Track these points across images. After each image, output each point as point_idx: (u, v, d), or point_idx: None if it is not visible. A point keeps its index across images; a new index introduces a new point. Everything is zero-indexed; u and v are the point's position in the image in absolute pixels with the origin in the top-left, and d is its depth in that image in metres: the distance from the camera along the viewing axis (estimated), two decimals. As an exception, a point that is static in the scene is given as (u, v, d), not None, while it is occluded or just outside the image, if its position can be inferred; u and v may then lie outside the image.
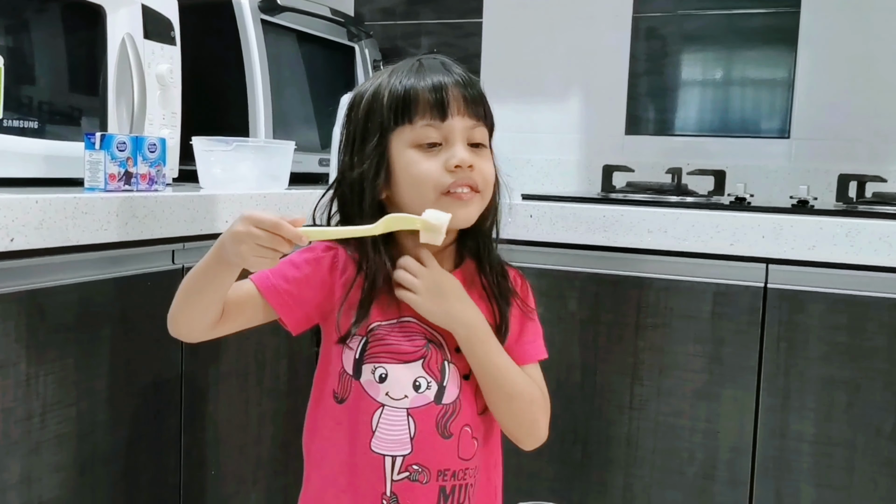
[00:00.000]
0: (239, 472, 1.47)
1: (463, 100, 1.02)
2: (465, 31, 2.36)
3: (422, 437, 1.04)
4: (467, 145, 1.03)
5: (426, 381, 1.04)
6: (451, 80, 1.03)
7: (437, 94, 1.02)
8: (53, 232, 1.05)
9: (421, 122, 1.02)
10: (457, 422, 1.06)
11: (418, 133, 1.02)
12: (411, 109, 1.02)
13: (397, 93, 1.03)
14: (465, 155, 1.01)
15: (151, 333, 1.24)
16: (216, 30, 1.79)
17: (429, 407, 1.04)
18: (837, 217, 1.36)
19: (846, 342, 1.35)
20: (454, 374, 1.06)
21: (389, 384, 1.04)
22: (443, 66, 1.04)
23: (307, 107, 2.04)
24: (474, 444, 1.08)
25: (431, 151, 1.02)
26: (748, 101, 2.10)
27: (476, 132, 1.04)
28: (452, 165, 1.01)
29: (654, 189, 1.75)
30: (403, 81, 1.03)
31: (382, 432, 1.04)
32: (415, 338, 1.05)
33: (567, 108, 2.25)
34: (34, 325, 1.06)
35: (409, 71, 1.04)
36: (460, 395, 1.06)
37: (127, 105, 1.42)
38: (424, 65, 1.04)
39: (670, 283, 1.44)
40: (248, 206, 1.40)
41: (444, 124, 1.01)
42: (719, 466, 1.43)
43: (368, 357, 1.04)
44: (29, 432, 1.06)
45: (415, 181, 1.02)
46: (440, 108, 1.01)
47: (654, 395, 1.46)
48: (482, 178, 1.03)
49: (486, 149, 1.06)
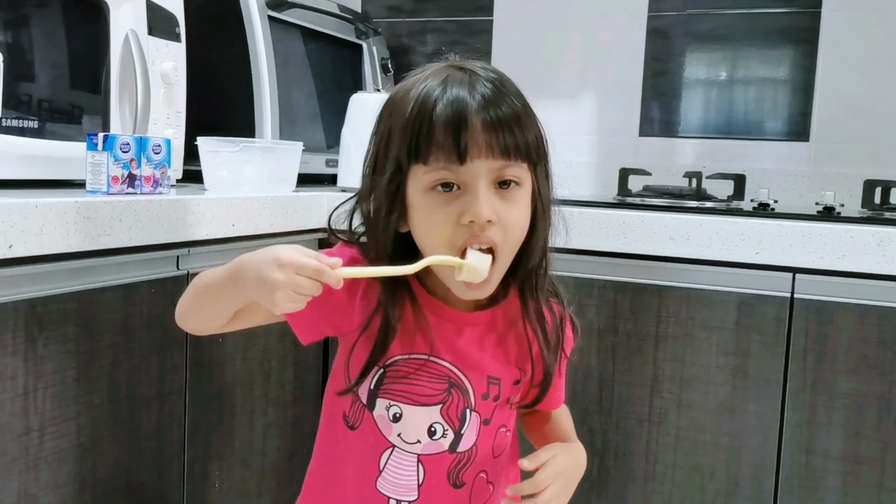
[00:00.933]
0: (243, 486, 1.42)
1: (488, 135, 0.86)
2: (474, 28, 2.31)
3: (431, 485, 0.96)
4: (495, 186, 0.88)
5: (442, 427, 0.95)
6: (475, 109, 0.86)
7: (455, 130, 0.85)
8: (54, 238, 1.00)
9: (435, 164, 0.87)
10: (471, 470, 0.97)
11: (433, 176, 0.88)
12: (425, 147, 0.87)
13: (414, 123, 0.88)
14: (483, 210, 0.85)
15: (154, 343, 1.20)
16: (222, 26, 1.74)
17: (441, 456, 0.96)
18: (868, 225, 1.31)
19: (876, 355, 1.30)
20: (475, 421, 0.97)
21: (403, 425, 0.95)
22: (471, 85, 0.88)
23: (314, 106, 1.99)
24: (489, 490, 1.00)
25: (447, 197, 0.88)
26: (766, 102, 2.05)
27: (508, 171, 0.88)
28: (467, 220, 0.86)
29: (673, 193, 1.70)
30: (422, 105, 0.87)
31: (390, 474, 0.96)
32: (437, 380, 0.95)
33: (580, 109, 2.20)
34: (32, 336, 1.01)
35: (433, 88, 0.88)
36: (478, 441, 0.97)
37: (130, 104, 1.36)
38: (450, 82, 0.88)
39: (692, 292, 1.39)
40: (255, 212, 1.35)
41: (462, 168, 0.86)
42: (742, 483, 1.38)
43: (384, 392, 0.95)
44: (27, 448, 1.01)
45: (426, 233, 0.90)
46: (457, 149, 0.85)
47: (675, 408, 1.41)
48: (503, 234, 0.88)
49: (520, 188, 0.89)
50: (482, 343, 0.97)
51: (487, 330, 0.97)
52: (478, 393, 0.96)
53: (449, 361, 0.95)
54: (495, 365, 0.97)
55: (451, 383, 0.95)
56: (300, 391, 1.54)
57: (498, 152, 0.87)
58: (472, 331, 0.97)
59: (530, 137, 0.89)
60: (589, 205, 1.53)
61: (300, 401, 1.54)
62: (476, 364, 0.96)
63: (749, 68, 2.06)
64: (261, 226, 1.37)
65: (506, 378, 0.98)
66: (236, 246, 1.36)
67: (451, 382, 0.95)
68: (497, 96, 0.88)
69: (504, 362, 0.98)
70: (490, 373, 0.97)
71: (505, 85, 0.90)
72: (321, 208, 1.54)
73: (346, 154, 1.73)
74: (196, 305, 0.96)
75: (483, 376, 0.97)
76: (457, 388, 0.95)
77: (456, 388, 0.95)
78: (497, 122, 0.86)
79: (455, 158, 0.86)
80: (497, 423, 0.99)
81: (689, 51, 2.11)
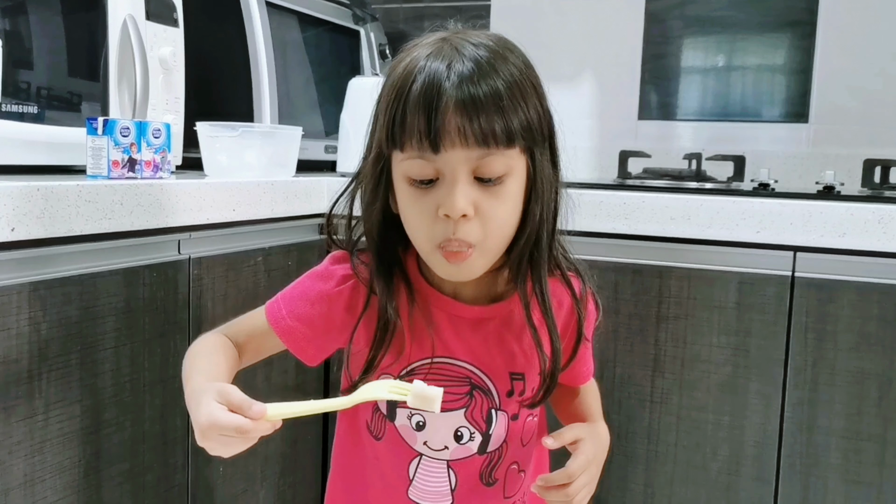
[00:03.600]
0: (247, 470, 1.42)
1: (460, 120, 0.77)
2: (471, 13, 2.30)
3: (464, 489, 0.94)
4: (473, 179, 0.80)
5: (469, 431, 0.91)
6: (449, 91, 0.76)
7: (426, 115, 0.77)
8: (56, 221, 1.00)
9: (410, 151, 0.80)
10: (502, 466, 0.95)
11: (409, 166, 0.81)
12: (399, 133, 0.80)
13: (391, 105, 0.80)
14: (458, 203, 0.78)
15: (157, 327, 1.20)
16: (219, 12, 1.74)
17: (471, 459, 0.93)
18: (869, 203, 1.31)
19: (877, 333, 1.31)
20: (502, 420, 0.93)
21: (427, 433, 0.91)
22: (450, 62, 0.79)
23: (312, 92, 1.99)
24: (521, 478, 0.99)
25: (423, 189, 0.81)
26: (765, 84, 2.05)
27: (489, 162, 0.79)
28: (442, 214, 0.80)
29: (673, 175, 1.70)
30: (401, 85, 0.80)
31: (420, 482, 0.94)
32: (457, 384, 0.90)
33: (579, 93, 2.20)
34: (36, 319, 1.01)
35: (416, 64, 0.80)
36: (507, 437, 0.93)
37: (129, 89, 1.36)
38: (431, 58, 0.80)
39: (693, 272, 1.39)
40: (255, 197, 1.35)
41: (438, 157, 0.79)
42: (744, 462, 1.38)
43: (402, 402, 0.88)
44: (32, 431, 1.01)
45: (408, 226, 0.86)
46: (428, 136, 0.77)
47: (677, 388, 1.41)
48: (481, 229, 0.81)
49: (508, 178, 0.81)
50: (501, 338, 0.92)
51: (503, 324, 0.92)
52: (502, 392, 0.91)
53: (468, 362, 0.90)
54: (517, 359, 0.92)
55: (472, 385, 0.91)
56: (302, 377, 1.54)
57: (473, 140, 0.78)
58: (487, 326, 0.91)
59: (518, 120, 0.80)
60: (589, 186, 1.53)
61: (302, 387, 1.54)
62: (495, 362, 0.91)
63: (747, 50, 2.06)
64: (261, 210, 1.37)
65: (530, 372, 0.93)
66: (237, 230, 1.36)
67: (472, 384, 0.91)
68: (477, 73, 0.78)
69: (525, 356, 0.92)
70: (512, 369, 0.92)
71: (494, 57, 0.80)
72: (321, 193, 1.53)
73: (345, 139, 1.73)
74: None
75: (505, 373, 0.92)
76: (479, 389, 0.91)
77: (478, 389, 0.91)
78: (472, 105, 0.77)
79: (428, 146, 0.78)
80: (525, 414, 0.95)
81: (687, 34, 2.11)
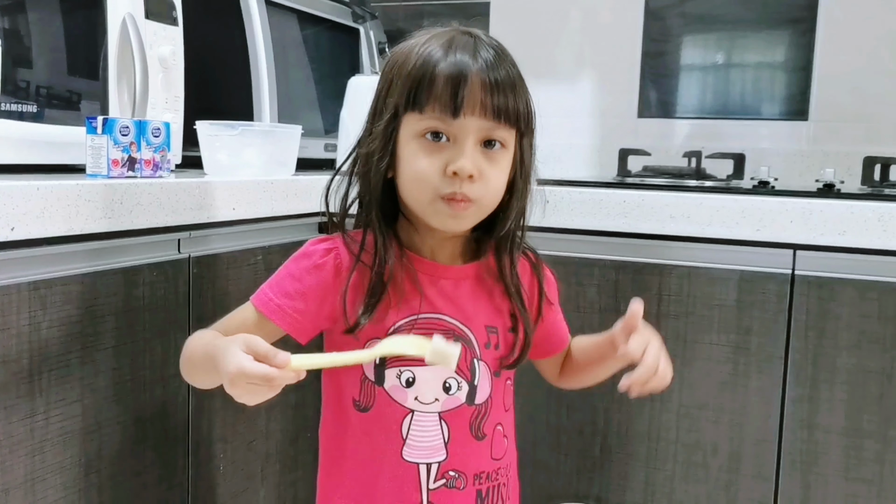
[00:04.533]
0: (247, 468, 1.42)
1: (484, 96, 0.91)
2: (471, 11, 2.30)
3: (457, 441, 0.99)
4: (481, 145, 0.93)
5: (456, 381, 0.98)
6: (475, 70, 0.91)
7: (454, 85, 0.91)
8: (56, 221, 1.00)
9: (430, 113, 0.92)
10: (489, 422, 1.01)
11: (426, 124, 0.93)
12: (424, 97, 0.92)
13: (415, 74, 0.93)
14: (467, 164, 0.91)
15: (157, 326, 1.20)
16: (219, 10, 1.73)
17: (461, 409, 0.99)
18: (869, 201, 1.31)
19: (877, 331, 1.31)
20: (485, 371, 1.00)
21: (418, 388, 0.98)
22: (474, 48, 0.93)
23: (311, 90, 1.99)
24: (504, 443, 1.04)
25: (436, 146, 0.93)
26: (764, 82, 2.05)
27: (495, 132, 0.93)
28: (451, 172, 0.91)
29: (673, 173, 1.70)
30: (426, 59, 0.93)
31: (414, 439, 0.98)
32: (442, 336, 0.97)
33: (578, 91, 2.20)
34: (36, 318, 1.01)
35: (438, 46, 0.93)
36: (491, 393, 1.01)
37: (129, 88, 1.36)
38: (455, 43, 0.93)
39: (693, 271, 1.40)
40: (255, 196, 1.35)
41: (455, 122, 0.91)
42: (745, 459, 1.38)
43: (392, 361, 0.98)
44: (32, 431, 1.01)
45: (413, 177, 0.95)
46: (453, 103, 0.90)
47: (677, 386, 1.41)
48: (483, 188, 0.93)
49: (504, 150, 0.95)
50: (476, 294, 1.02)
51: (477, 282, 1.02)
52: (480, 343, 1.00)
53: (450, 316, 0.99)
54: (490, 314, 1.02)
55: (455, 336, 0.98)
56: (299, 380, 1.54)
57: (490, 112, 0.91)
58: (464, 284, 1.01)
59: (522, 106, 0.94)
60: (589, 185, 1.53)
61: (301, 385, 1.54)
62: (474, 315, 1.00)
63: (747, 48, 2.06)
64: (261, 209, 1.37)
65: (501, 326, 1.02)
66: (237, 229, 1.36)
67: (455, 336, 0.98)
68: (497, 61, 0.93)
69: (496, 311, 1.02)
70: (487, 322, 1.01)
71: (505, 52, 0.96)
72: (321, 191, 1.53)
73: (344, 137, 1.73)
74: (191, 370, 1.00)
75: (482, 326, 1.01)
76: (462, 340, 0.98)
77: (461, 340, 0.98)
78: (494, 84, 0.91)
79: (450, 112, 0.91)
80: (504, 375, 1.03)
81: (687, 31, 2.11)
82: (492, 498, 1.02)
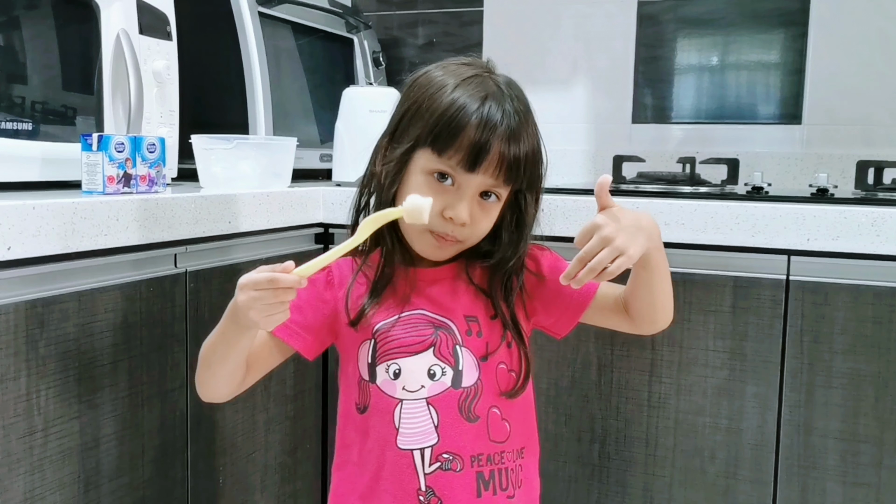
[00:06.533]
0: (247, 480, 1.43)
1: (500, 162, 0.97)
2: (465, 19, 2.31)
3: (446, 423, 1.02)
4: (479, 195, 1.00)
5: (440, 367, 1.03)
6: (502, 137, 0.96)
7: (478, 147, 0.96)
8: (52, 239, 1.00)
9: (447, 161, 0.98)
10: (481, 404, 1.03)
11: (440, 167, 0.99)
12: (447, 144, 0.98)
13: (443, 117, 0.98)
14: (464, 216, 0.98)
15: (154, 341, 1.20)
16: (213, 24, 1.74)
17: (447, 393, 1.03)
18: (862, 206, 1.31)
19: (872, 335, 1.31)
20: (469, 357, 1.04)
21: (404, 378, 1.03)
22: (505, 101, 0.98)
23: (306, 101, 1.99)
24: (506, 426, 1.05)
25: (440, 187, 0.99)
26: (758, 86, 2.05)
27: (496, 189, 1.00)
28: (448, 216, 0.99)
29: (667, 179, 1.70)
30: (458, 106, 0.97)
31: (406, 427, 1.02)
32: (421, 328, 1.04)
33: (572, 98, 2.21)
34: (34, 337, 1.01)
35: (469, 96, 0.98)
36: (480, 376, 1.04)
37: (123, 104, 1.37)
38: (489, 93, 0.98)
39: (688, 277, 1.40)
40: (251, 208, 1.36)
41: (467, 175, 0.98)
42: (742, 465, 1.39)
43: (380, 357, 1.04)
44: (31, 449, 1.02)
45: None
46: (473, 162, 0.97)
47: (674, 392, 1.42)
48: (470, 233, 1.01)
49: (498, 202, 1.02)
50: (454, 289, 1.07)
51: (455, 279, 1.08)
52: (461, 330, 1.04)
53: (428, 310, 1.05)
54: (467, 305, 1.07)
55: (435, 326, 1.04)
56: (300, 386, 1.54)
57: (502, 176, 0.98)
58: (443, 283, 1.07)
59: (533, 170, 1.01)
60: (584, 192, 1.53)
61: (300, 396, 1.55)
62: (451, 307, 1.06)
63: (740, 52, 2.07)
64: (257, 222, 1.38)
65: (481, 314, 1.07)
66: (233, 242, 1.36)
67: (435, 326, 1.04)
68: (521, 128, 0.98)
69: (474, 302, 1.07)
70: (465, 312, 1.06)
71: (528, 114, 1.01)
72: (317, 203, 1.54)
73: (340, 148, 1.73)
74: (209, 370, 1.02)
75: (460, 315, 1.06)
76: (442, 329, 1.04)
77: (441, 329, 1.04)
78: (512, 156, 0.97)
79: (466, 168, 0.97)
80: (495, 360, 1.06)
81: (679, 36, 2.11)
82: (497, 481, 1.03)
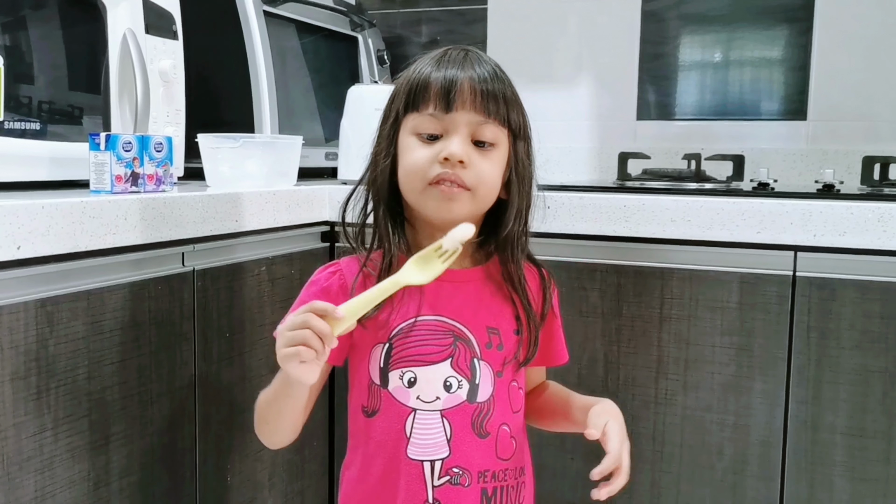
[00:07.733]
0: (255, 478, 1.43)
1: (474, 93, 0.99)
2: (469, 17, 2.31)
3: (459, 438, 1.01)
4: (471, 141, 1.00)
5: (457, 380, 1.01)
6: (466, 73, 1.00)
7: (447, 84, 0.99)
8: (61, 238, 1.01)
9: (426, 111, 1.00)
10: (493, 420, 1.03)
11: (421, 121, 1.00)
12: (420, 97, 1.00)
13: (414, 80, 1.02)
14: (457, 149, 0.98)
15: (163, 339, 1.21)
16: (218, 23, 1.74)
17: (462, 406, 1.01)
18: (868, 202, 1.31)
19: (880, 330, 1.31)
20: (486, 371, 1.03)
21: (419, 388, 1.01)
22: (465, 58, 1.02)
23: (311, 99, 2.00)
24: (513, 444, 1.05)
25: (430, 142, 1.00)
26: (762, 82, 2.05)
27: (485, 129, 1.00)
28: (442, 157, 0.98)
29: (672, 176, 1.70)
30: (423, 70, 1.02)
31: (418, 437, 1.01)
32: (441, 337, 1.02)
33: (576, 95, 2.21)
34: (43, 335, 1.02)
35: (433, 60, 1.02)
36: (494, 392, 1.03)
37: (130, 103, 1.37)
38: (448, 56, 1.02)
39: (695, 273, 1.40)
40: (258, 207, 1.36)
41: (447, 116, 0.99)
42: (750, 461, 1.39)
43: (394, 363, 1.01)
44: (42, 447, 1.02)
45: (406, 168, 1.01)
46: (446, 98, 0.99)
47: (681, 388, 1.42)
48: (475, 176, 0.99)
49: (496, 149, 1.01)
50: (479, 297, 1.05)
51: (481, 285, 1.06)
52: (481, 343, 1.03)
53: (449, 317, 1.02)
54: (491, 316, 1.05)
55: (455, 336, 1.02)
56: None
57: (481, 108, 0.99)
58: (467, 287, 1.05)
59: (512, 112, 1.01)
60: (590, 189, 1.54)
61: (308, 393, 1.55)
62: (474, 316, 1.03)
63: (744, 48, 2.06)
64: (264, 220, 1.38)
65: (504, 328, 1.05)
66: (240, 241, 1.37)
67: (455, 336, 1.02)
68: (488, 75, 1.00)
69: (499, 314, 1.05)
70: (488, 323, 1.04)
71: (499, 69, 1.03)
72: (323, 202, 1.54)
73: (345, 146, 1.74)
74: (269, 426, 1.06)
75: (482, 326, 1.04)
76: (461, 340, 1.02)
77: (461, 340, 1.02)
78: (482, 87, 0.99)
79: (443, 106, 0.98)
80: (508, 377, 1.05)
81: (684, 33, 2.11)
82: (499, 498, 1.03)
